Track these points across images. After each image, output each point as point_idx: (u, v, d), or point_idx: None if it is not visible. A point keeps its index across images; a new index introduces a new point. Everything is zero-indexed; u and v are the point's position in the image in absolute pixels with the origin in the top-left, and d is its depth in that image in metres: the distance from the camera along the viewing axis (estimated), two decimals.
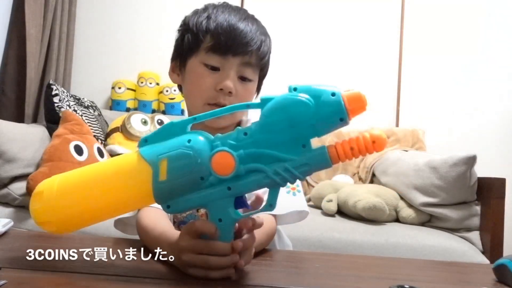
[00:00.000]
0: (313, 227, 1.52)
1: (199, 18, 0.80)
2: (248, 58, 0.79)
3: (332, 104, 0.48)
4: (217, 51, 0.77)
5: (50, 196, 0.56)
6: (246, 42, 0.77)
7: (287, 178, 0.49)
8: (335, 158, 0.48)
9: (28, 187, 1.50)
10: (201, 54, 0.79)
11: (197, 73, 0.79)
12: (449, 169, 1.56)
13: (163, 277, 0.55)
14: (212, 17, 0.79)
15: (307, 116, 0.48)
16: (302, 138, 0.49)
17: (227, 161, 0.49)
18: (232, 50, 0.77)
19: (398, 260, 0.93)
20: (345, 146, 0.48)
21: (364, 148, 0.47)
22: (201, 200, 0.52)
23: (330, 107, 0.48)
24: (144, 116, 2.17)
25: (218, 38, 0.77)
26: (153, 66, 2.52)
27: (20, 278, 0.51)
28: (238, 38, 0.77)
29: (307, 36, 2.61)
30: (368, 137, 0.47)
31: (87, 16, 2.60)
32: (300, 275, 0.63)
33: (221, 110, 0.54)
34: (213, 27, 0.78)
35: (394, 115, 2.55)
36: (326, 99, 0.48)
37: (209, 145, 0.51)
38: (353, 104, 0.48)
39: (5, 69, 2.11)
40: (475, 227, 1.59)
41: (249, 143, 0.50)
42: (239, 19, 0.79)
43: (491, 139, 2.50)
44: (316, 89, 0.49)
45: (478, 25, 2.58)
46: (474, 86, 2.56)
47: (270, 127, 0.49)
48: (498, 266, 0.62)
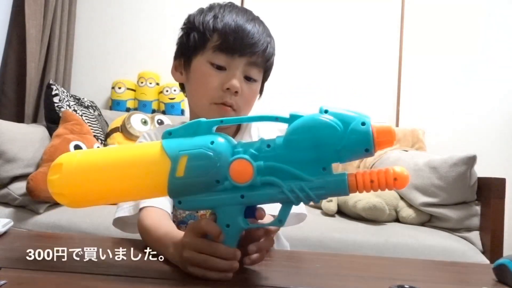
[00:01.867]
0: (313, 227, 1.52)
1: (205, 17, 0.80)
2: (254, 59, 0.79)
3: (360, 133, 0.47)
4: (224, 51, 0.77)
5: (69, 169, 0.56)
6: (253, 43, 0.78)
7: (301, 198, 0.49)
8: (353, 188, 0.48)
9: (28, 187, 1.49)
10: (207, 53, 0.79)
11: (203, 72, 0.79)
12: (449, 169, 1.56)
13: (163, 277, 0.55)
14: (219, 17, 0.79)
15: (333, 140, 0.48)
16: (324, 161, 0.49)
17: (245, 169, 0.49)
18: (239, 50, 0.77)
19: (398, 260, 0.93)
20: (365, 178, 0.47)
21: (384, 184, 0.47)
22: (212, 203, 0.52)
23: (358, 135, 0.47)
24: (144, 116, 2.17)
25: (225, 37, 0.77)
26: (153, 66, 2.52)
27: (20, 278, 0.51)
28: (246, 38, 0.77)
29: (307, 36, 2.61)
30: (391, 173, 0.46)
31: (87, 16, 2.61)
32: (300, 275, 0.63)
33: (249, 118, 0.56)
34: (220, 26, 0.78)
35: (394, 115, 2.55)
36: (355, 127, 0.47)
37: (231, 150, 0.51)
38: (381, 137, 0.47)
39: (5, 69, 2.11)
40: (475, 227, 1.59)
41: (271, 156, 0.49)
42: (246, 20, 0.79)
43: (491, 139, 2.50)
44: (347, 115, 0.49)
45: (478, 25, 2.58)
46: (474, 86, 2.56)
47: (294, 144, 0.49)
48: (498, 266, 0.62)
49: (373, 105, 2.56)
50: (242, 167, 0.49)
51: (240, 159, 0.49)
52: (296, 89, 2.55)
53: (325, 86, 2.57)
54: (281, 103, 2.47)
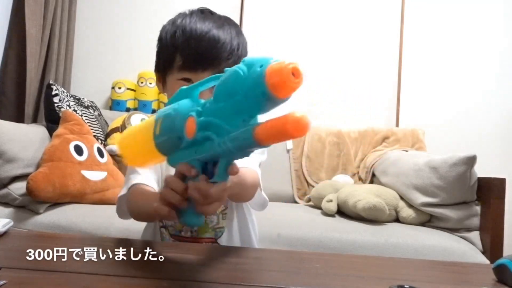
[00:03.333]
0: (313, 227, 1.52)
1: (167, 34, 0.84)
2: (220, 69, 0.79)
3: (255, 74, 0.42)
4: (187, 69, 0.81)
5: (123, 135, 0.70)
6: (214, 57, 0.80)
7: (231, 150, 0.47)
8: (258, 137, 0.43)
9: (28, 187, 1.49)
10: (174, 72, 0.83)
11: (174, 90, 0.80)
12: (449, 169, 1.56)
13: (163, 277, 0.55)
14: (178, 32, 0.81)
15: (237, 86, 0.44)
16: (242, 112, 0.45)
17: (191, 126, 0.51)
18: (201, 66, 0.80)
19: (398, 260, 0.93)
20: (267, 125, 0.42)
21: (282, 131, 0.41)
22: (178, 158, 0.55)
23: (253, 78, 0.42)
24: (144, 116, 2.17)
25: (187, 57, 0.80)
26: (153, 66, 2.50)
27: (20, 278, 0.51)
28: (207, 53, 0.79)
29: (307, 36, 2.61)
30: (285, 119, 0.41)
31: (87, 16, 2.61)
32: (300, 275, 0.63)
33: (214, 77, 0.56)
34: (181, 45, 0.80)
35: (394, 115, 2.55)
36: (254, 70, 0.43)
37: (191, 109, 0.53)
38: (274, 77, 0.41)
39: (5, 69, 2.11)
40: (475, 227, 1.59)
41: (208, 111, 0.50)
42: (208, 30, 0.80)
43: (491, 139, 2.50)
44: (252, 59, 0.44)
45: (478, 25, 2.58)
46: (474, 86, 2.56)
47: (217, 96, 0.48)
48: (498, 266, 0.62)
49: (373, 105, 2.56)
50: (190, 123, 0.51)
51: (190, 116, 0.51)
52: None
53: (325, 86, 2.57)
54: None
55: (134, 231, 1.43)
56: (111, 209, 1.68)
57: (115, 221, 1.50)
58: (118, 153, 0.71)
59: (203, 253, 0.73)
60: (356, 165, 2.20)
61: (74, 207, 1.60)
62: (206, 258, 0.69)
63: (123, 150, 0.68)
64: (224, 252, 0.75)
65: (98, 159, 1.73)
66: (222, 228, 0.87)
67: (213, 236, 0.86)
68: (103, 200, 1.71)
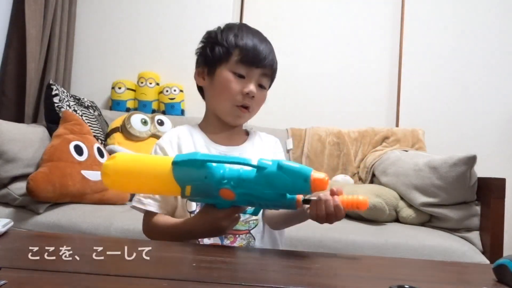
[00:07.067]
0: (313, 227, 1.51)
1: (228, 35, 0.99)
2: (265, 71, 0.99)
3: (300, 184, 0.70)
4: (245, 63, 0.97)
5: (119, 162, 0.77)
6: (265, 59, 0.98)
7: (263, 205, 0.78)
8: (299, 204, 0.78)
9: (28, 187, 1.49)
10: (230, 64, 0.97)
11: (227, 79, 0.97)
12: (449, 169, 1.56)
13: (163, 277, 0.55)
14: (239, 36, 0.98)
15: (282, 186, 0.71)
16: (281, 193, 0.74)
17: (229, 194, 0.73)
18: (256, 63, 0.97)
19: (398, 260, 0.93)
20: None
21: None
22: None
23: (300, 186, 0.70)
24: (144, 116, 2.17)
25: (246, 53, 0.97)
26: (153, 66, 2.52)
27: (20, 278, 0.51)
28: (260, 55, 0.97)
29: (307, 36, 2.61)
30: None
31: (87, 16, 2.61)
32: (300, 275, 0.63)
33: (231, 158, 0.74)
34: (241, 44, 0.97)
35: (394, 115, 2.56)
36: (299, 181, 0.70)
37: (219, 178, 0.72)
38: (318, 187, 0.71)
39: (5, 69, 2.11)
40: (475, 227, 1.59)
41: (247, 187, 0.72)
42: (259, 40, 0.99)
43: (491, 139, 2.50)
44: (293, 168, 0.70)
45: (478, 25, 2.59)
46: (474, 86, 2.56)
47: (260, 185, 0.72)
48: (498, 266, 0.62)
49: (373, 105, 2.57)
50: (227, 193, 0.73)
51: (225, 188, 0.72)
52: (296, 89, 2.55)
53: (325, 86, 2.57)
54: (282, 103, 2.47)
55: (134, 231, 1.43)
56: (111, 209, 1.69)
57: (115, 221, 1.50)
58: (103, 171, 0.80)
59: (203, 253, 0.73)
60: (356, 165, 2.20)
61: (74, 207, 1.60)
62: (206, 258, 0.69)
63: (114, 175, 0.76)
64: (224, 252, 0.75)
65: (98, 159, 1.73)
66: (256, 220, 0.98)
67: (247, 228, 0.98)
68: (103, 200, 1.71)
